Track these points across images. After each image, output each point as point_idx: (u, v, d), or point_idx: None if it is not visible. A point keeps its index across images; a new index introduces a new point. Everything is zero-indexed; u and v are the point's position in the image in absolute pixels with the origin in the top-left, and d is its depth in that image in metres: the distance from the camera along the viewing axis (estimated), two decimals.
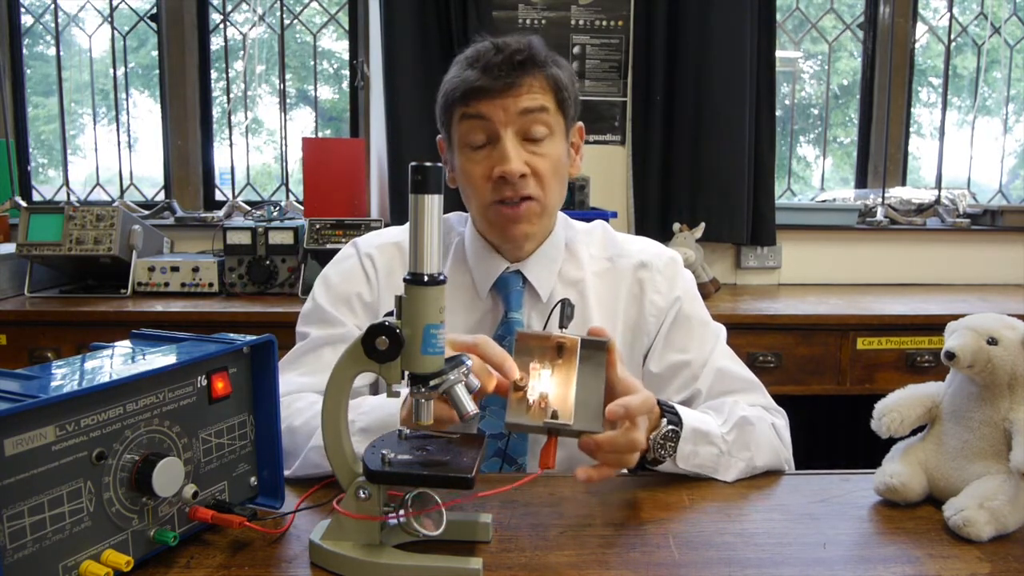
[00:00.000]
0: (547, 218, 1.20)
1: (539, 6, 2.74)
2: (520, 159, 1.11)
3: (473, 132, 1.13)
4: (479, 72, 1.10)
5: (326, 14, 3.07)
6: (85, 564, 0.71)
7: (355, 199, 2.68)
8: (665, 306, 1.24)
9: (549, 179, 1.15)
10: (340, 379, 0.80)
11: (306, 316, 1.24)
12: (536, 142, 1.13)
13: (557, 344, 0.90)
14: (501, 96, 1.10)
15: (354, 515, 0.79)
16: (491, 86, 1.10)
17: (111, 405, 0.73)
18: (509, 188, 1.12)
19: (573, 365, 0.89)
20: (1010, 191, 3.26)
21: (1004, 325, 0.91)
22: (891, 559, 0.83)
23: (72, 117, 3.13)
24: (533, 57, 1.12)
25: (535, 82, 1.12)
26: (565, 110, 1.16)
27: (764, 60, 2.70)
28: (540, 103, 1.12)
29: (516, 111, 1.11)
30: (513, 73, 1.10)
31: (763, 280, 2.91)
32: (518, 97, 1.11)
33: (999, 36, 3.12)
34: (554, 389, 0.87)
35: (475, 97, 1.11)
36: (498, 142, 1.12)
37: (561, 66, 1.16)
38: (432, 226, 0.77)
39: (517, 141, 1.12)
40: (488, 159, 1.13)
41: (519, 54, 1.11)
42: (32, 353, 2.16)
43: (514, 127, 1.12)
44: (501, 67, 1.10)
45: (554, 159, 1.15)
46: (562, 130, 1.17)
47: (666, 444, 0.99)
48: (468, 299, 1.23)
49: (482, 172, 1.14)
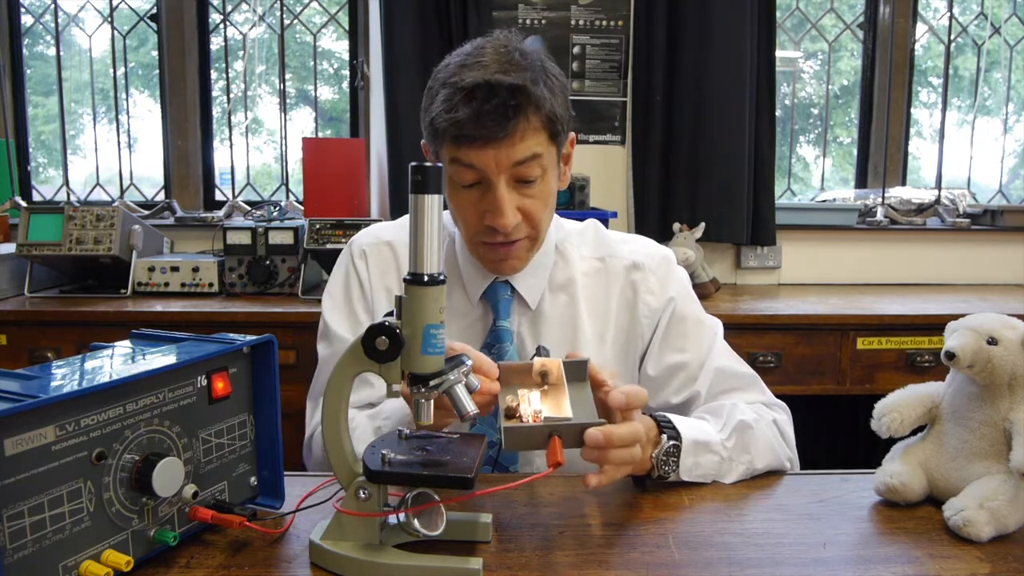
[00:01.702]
0: (538, 246, 1.18)
1: (539, 6, 2.74)
2: (513, 211, 1.08)
3: (463, 173, 1.08)
4: (470, 118, 1.02)
5: (326, 14, 3.07)
6: (85, 564, 0.71)
7: (355, 199, 2.68)
8: (659, 307, 1.23)
9: (540, 215, 1.12)
10: (340, 379, 0.80)
11: (320, 334, 1.26)
12: (529, 185, 1.09)
13: (540, 374, 0.91)
14: (494, 146, 1.04)
15: (355, 512, 0.79)
16: (482, 135, 1.03)
17: (111, 405, 0.73)
18: (500, 235, 1.10)
19: (561, 385, 0.90)
20: (1010, 191, 3.26)
21: (1004, 325, 0.91)
22: (891, 559, 0.83)
23: (72, 117, 3.13)
24: (528, 97, 1.03)
25: (529, 126, 1.05)
26: (558, 141, 1.11)
27: (764, 60, 2.70)
28: (533, 151, 1.06)
29: (509, 163, 1.05)
30: (506, 123, 1.02)
31: (763, 280, 2.91)
32: (512, 147, 1.04)
33: (999, 36, 3.12)
34: (547, 406, 0.88)
35: (467, 145, 1.04)
36: (490, 188, 1.07)
37: (555, 91, 1.08)
38: (432, 226, 0.77)
39: (509, 187, 1.08)
40: (480, 202, 1.09)
41: (513, 97, 1.02)
42: (32, 353, 2.16)
43: (506, 175, 1.07)
44: (493, 115, 1.02)
45: (545, 195, 1.12)
46: (554, 160, 1.12)
47: (668, 460, 0.99)
48: (459, 305, 1.22)
49: (473, 213, 1.11)
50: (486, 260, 1.17)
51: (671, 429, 1.00)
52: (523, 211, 1.10)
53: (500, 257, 1.14)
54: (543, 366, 0.91)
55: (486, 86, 1.02)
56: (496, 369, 0.91)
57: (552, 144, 1.10)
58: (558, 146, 1.12)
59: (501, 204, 1.07)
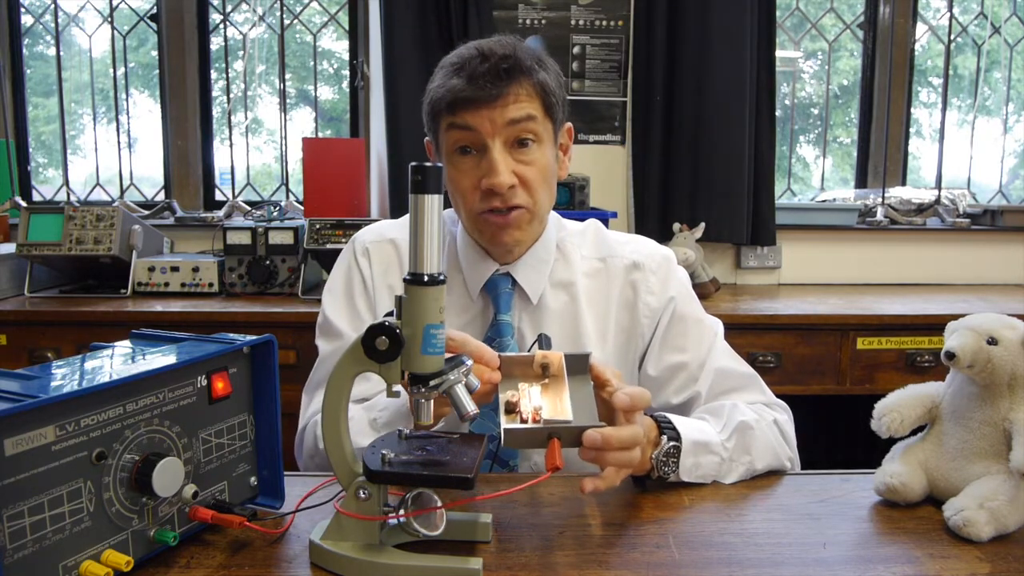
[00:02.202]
0: (537, 223, 1.19)
1: (539, 6, 2.74)
2: (508, 171, 1.10)
3: (460, 141, 1.12)
4: (464, 81, 1.08)
5: (326, 14, 3.07)
6: (85, 564, 0.71)
7: (355, 199, 2.68)
8: (659, 307, 1.23)
9: (538, 186, 1.14)
10: (340, 379, 0.80)
11: (320, 328, 1.26)
12: (524, 150, 1.12)
13: (541, 366, 0.91)
14: (488, 106, 1.08)
15: (354, 515, 0.79)
16: (477, 96, 1.08)
17: (111, 405, 0.73)
18: (498, 199, 1.12)
19: (561, 380, 0.90)
20: (1010, 191, 3.26)
21: (1004, 325, 0.91)
22: (891, 559, 0.83)
23: (72, 117, 3.13)
24: (519, 64, 1.10)
25: (522, 90, 1.10)
26: (553, 115, 1.15)
27: (764, 60, 2.70)
28: (527, 112, 1.10)
29: (503, 122, 1.09)
30: (499, 82, 1.08)
31: (763, 280, 2.91)
32: (505, 107, 1.09)
33: (999, 36, 3.12)
34: (547, 403, 0.87)
35: (461, 107, 1.09)
36: (486, 152, 1.11)
37: (548, 69, 1.14)
38: (432, 226, 0.77)
39: (505, 150, 1.11)
40: (476, 169, 1.12)
41: (505, 61, 1.09)
42: (32, 353, 2.16)
43: (501, 137, 1.10)
44: (487, 76, 1.08)
45: (542, 165, 1.14)
46: (550, 135, 1.15)
47: (668, 461, 0.99)
48: (460, 300, 1.22)
49: (470, 182, 1.13)
50: (486, 233, 1.17)
51: (671, 430, 1.00)
52: (519, 176, 1.12)
53: (500, 226, 1.14)
54: (544, 358, 0.91)
55: (479, 54, 1.10)
56: (497, 359, 0.91)
57: (547, 118, 1.13)
58: (552, 121, 1.15)
59: (496, 164, 1.09)
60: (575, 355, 0.93)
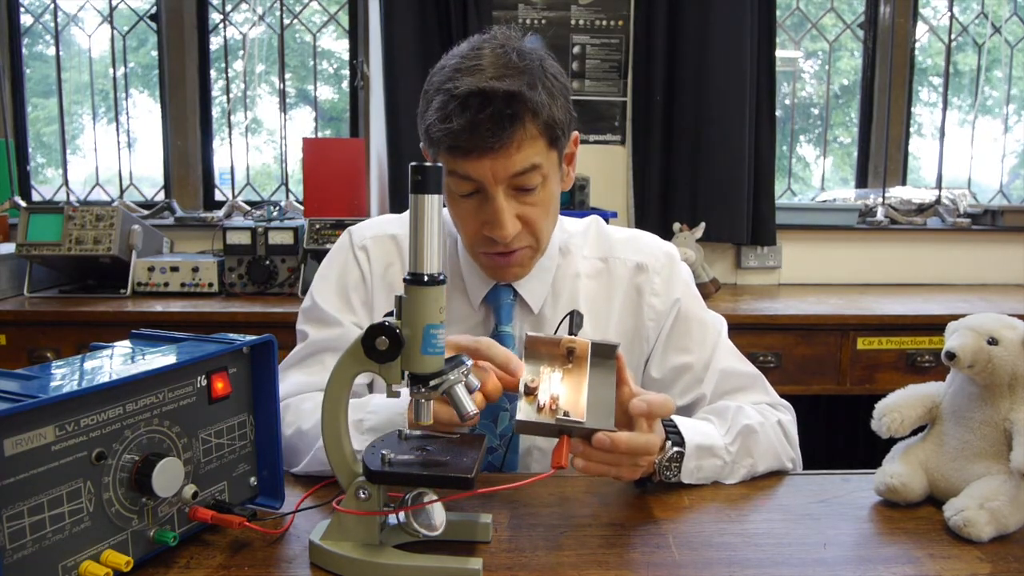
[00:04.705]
0: (540, 254, 1.16)
1: (539, 6, 2.74)
2: (512, 220, 1.05)
3: (460, 185, 1.05)
4: (465, 128, 0.98)
5: (326, 14, 3.07)
6: (85, 564, 0.71)
7: (355, 199, 2.68)
8: (664, 309, 1.21)
9: (542, 223, 1.09)
10: (340, 379, 0.80)
11: (305, 313, 1.22)
12: (529, 192, 1.06)
13: (567, 348, 0.90)
14: (491, 156, 1.00)
15: (354, 511, 0.79)
16: (478, 146, 0.99)
17: (111, 405, 0.73)
18: (500, 245, 1.08)
19: (584, 368, 0.89)
20: (1010, 191, 3.25)
21: (1004, 325, 0.91)
22: (891, 559, 0.83)
23: (72, 117, 3.13)
24: (525, 104, 0.99)
25: (527, 135, 1.01)
26: (559, 146, 1.07)
27: (764, 60, 2.70)
28: (532, 162, 1.02)
29: (507, 174, 1.02)
30: (502, 132, 0.98)
31: (763, 280, 2.91)
32: (508, 158, 1.01)
33: (999, 35, 3.12)
34: (565, 391, 0.87)
35: (462, 156, 1.01)
36: (488, 199, 1.04)
37: (554, 93, 1.04)
38: (432, 226, 0.77)
39: (509, 195, 1.05)
40: (479, 212, 1.06)
41: (509, 105, 0.98)
42: (32, 353, 2.16)
43: (504, 185, 1.04)
44: (489, 124, 0.98)
45: (547, 201, 1.09)
46: (556, 165, 1.09)
47: (671, 465, 0.98)
48: (461, 309, 1.19)
49: (472, 226, 1.08)
50: (487, 269, 1.15)
51: (676, 435, 1.00)
52: (523, 219, 1.07)
53: (501, 266, 1.12)
54: (572, 343, 0.90)
55: (480, 94, 0.98)
56: (523, 368, 0.89)
57: (552, 150, 1.06)
58: (559, 151, 1.09)
59: (500, 215, 1.04)
60: (603, 344, 0.91)
